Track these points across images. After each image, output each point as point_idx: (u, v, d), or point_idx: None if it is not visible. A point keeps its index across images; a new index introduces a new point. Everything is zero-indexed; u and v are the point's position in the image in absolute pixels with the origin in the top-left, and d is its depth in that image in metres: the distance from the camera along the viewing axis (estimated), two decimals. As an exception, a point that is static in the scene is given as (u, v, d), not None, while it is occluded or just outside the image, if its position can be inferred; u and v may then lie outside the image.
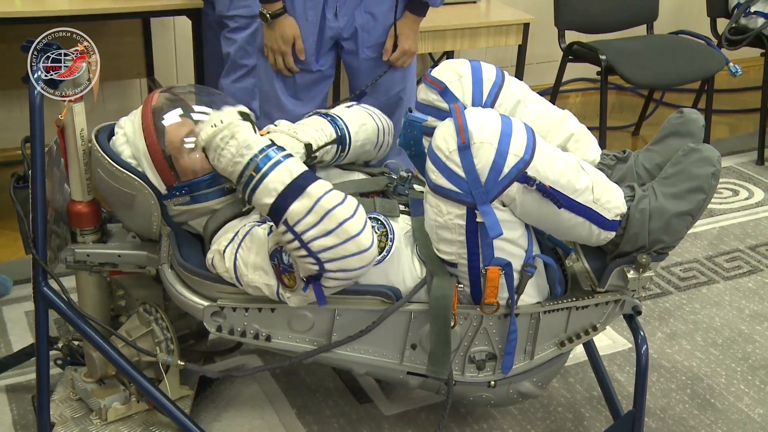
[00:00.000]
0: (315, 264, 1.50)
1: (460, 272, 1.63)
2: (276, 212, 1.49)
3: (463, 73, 1.74)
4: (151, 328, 1.82)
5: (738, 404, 2.12)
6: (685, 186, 1.64)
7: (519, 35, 3.31)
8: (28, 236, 1.71)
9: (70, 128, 1.71)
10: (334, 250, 1.48)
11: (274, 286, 1.59)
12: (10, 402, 2.01)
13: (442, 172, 1.52)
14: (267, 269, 1.58)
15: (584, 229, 1.63)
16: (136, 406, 1.88)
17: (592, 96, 4.07)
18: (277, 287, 1.59)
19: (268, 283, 1.59)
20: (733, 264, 2.75)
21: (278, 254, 1.56)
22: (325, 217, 1.47)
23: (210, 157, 1.58)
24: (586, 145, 1.80)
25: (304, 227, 1.48)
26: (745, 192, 3.25)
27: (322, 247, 1.48)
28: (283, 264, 1.55)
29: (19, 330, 2.26)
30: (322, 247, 1.48)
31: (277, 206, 1.49)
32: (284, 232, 1.50)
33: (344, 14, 2.34)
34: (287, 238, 1.49)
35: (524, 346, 1.74)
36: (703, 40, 3.41)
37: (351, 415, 2.02)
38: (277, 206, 1.49)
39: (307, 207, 1.48)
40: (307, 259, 1.50)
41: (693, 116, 1.78)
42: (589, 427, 2.02)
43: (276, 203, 1.49)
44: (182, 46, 3.24)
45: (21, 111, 3.09)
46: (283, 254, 1.55)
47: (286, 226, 1.48)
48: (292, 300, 1.60)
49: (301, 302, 1.60)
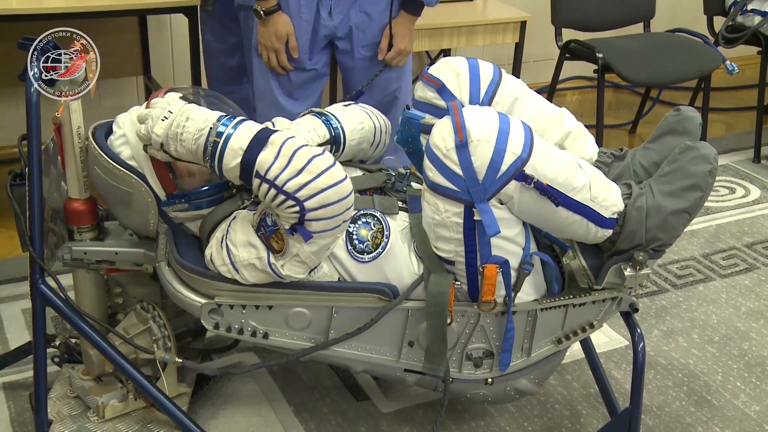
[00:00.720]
0: (295, 205, 1.50)
1: (458, 270, 1.63)
2: (246, 169, 1.51)
3: (461, 70, 1.74)
4: (149, 326, 1.82)
5: (734, 401, 2.12)
6: (682, 183, 1.65)
7: (516, 33, 3.31)
8: (25, 234, 1.71)
9: (66, 126, 1.71)
10: (309, 186, 1.49)
11: (265, 258, 1.58)
12: (8, 400, 2.01)
13: (440, 170, 1.53)
14: (255, 243, 1.58)
15: (581, 227, 1.63)
16: (133, 403, 1.88)
17: (589, 94, 4.07)
18: (267, 258, 1.58)
19: (259, 256, 1.59)
20: (730, 262, 2.76)
21: (263, 221, 1.56)
22: (293, 157, 1.50)
23: (172, 149, 1.57)
24: (584, 143, 1.81)
25: (275, 171, 1.49)
26: (742, 190, 3.26)
27: (298, 186, 1.49)
28: (269, 227, 1.55)
29: (16, 328, 2.26)
30: (297, 185, 1.49)
31: (245, 163, 1.51)
32: (259, 186, 1.51)
33: (338, 13, 2.33)
34: (263, 189, 1.51)
35: (521, 344, 1.75)
36: (700, 38, 3.41)
37: (348, 413, 2.03)
38: (245, 163, 1.51)
39: (274, 153, 1.50)
40: (286, 203, 1.50)
41: (690, 114, 1.78)
42: (585, 424, 2.03)
43: (243, 160, 1.51)
44: (179, 43, 3.24)
45: (17, 109, 3.09)
46: (267, 218, 1.56)
47: (260, 178, 1.50)
48: (286, 267, 1.59)
49: (293, 268, 1.58)
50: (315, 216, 1.51)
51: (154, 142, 1.58)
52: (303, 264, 1.59)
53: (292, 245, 1.56)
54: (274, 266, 1.59)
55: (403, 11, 2.37)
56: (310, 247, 1.57)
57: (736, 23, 3.48)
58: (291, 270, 1.60)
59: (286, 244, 1.56)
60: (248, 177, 1.52)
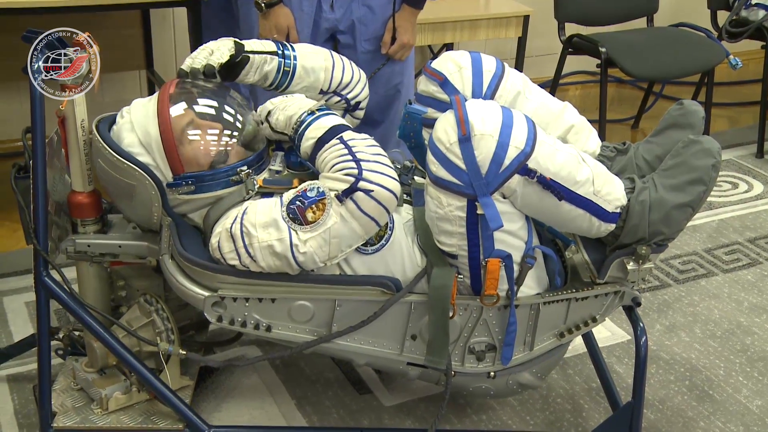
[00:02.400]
0: (354, 168, 1.57)
1: (461, 264, 1.63)
2: (331, 132, 1.66)
3: (464, 64, 1.74)
4: (152, 319, 1.82)
5: (736, 396, 2.12)
6: (686, 178, 1.64)
7: (519, 27, 3.31)
8: (29, 226, 1.71)
9: (70, 119, 1.71)
10: (374, 164, 1.59)
11: (287, 239, 1.58)
12: (12, 392, 2.02)
13: (443, 164, 1.53)
14: (279, 223, 1.58)
15: (584, 221, 1.63)
16: (136, 395, 1.88)
17: (592, 89, 4.07)
18: (289, 239, 1.58)
19: (280, 237, 1.58)
20: (732, 257, 2.76)
21: (302, 195, 1.59)
22: (375, 146, 1.65)
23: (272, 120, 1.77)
24: (587, 137, 1.80)
25: (356, 143, 1.63)
26: (745, 185, 3.26)
27: (366, 158, 1.59)
28: (309, 198, 1.58)
29: (20, 320, 2.27)
30: (366, 158, 1.59)
31: (335, 128, 1.66)
32: (335, 144, 1.63)
33: (340, 6, 2.33)
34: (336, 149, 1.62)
35: (524, 338, 1.75)
36: (704, 32, 3.40)
37: (351, 406, 2.03)
38: (335, 128, 1.66)
39: (359, 136, 1.66)
40: (348, 163, 1.58)
41: (693, 108, 1.78)
42: (587, 418, 2.03)
43: (334, 127, 1.67)
44: (181, 37, 3.23)
45: (21, 102, 3.09)
46: (307, 192, 1.59)
47: (340, 139, 1.64)
48: (310, 243, 1.58)
49: (317, 245, 1.58)
50: (365, 188, 1.56)
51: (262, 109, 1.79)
52: (326, 244, 1.59)
53: (331, 216, 1.57)
54: (295, 248, 1.58)
55: (406, 4, 2.37)
56: (343, 226, 1.58)
57: (739, 17, 3.47)
58: (314, 246, 1.58)
59: (326, 214, 1.57)
60: (327, 138, 1.65)
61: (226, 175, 1.70)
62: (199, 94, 1.76)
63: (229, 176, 1.70)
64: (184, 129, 1.69)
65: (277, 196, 1.65)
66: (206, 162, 1.70)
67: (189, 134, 1.69)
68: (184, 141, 1.69)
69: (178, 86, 1.75)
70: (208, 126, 1.72)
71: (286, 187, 1.69)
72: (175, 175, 1.69)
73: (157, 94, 1.73)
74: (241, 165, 1.71)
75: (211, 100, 1.77)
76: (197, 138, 1.70)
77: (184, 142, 1.69)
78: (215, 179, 1.70)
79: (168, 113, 1.68)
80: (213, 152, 1.71)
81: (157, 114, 1.68)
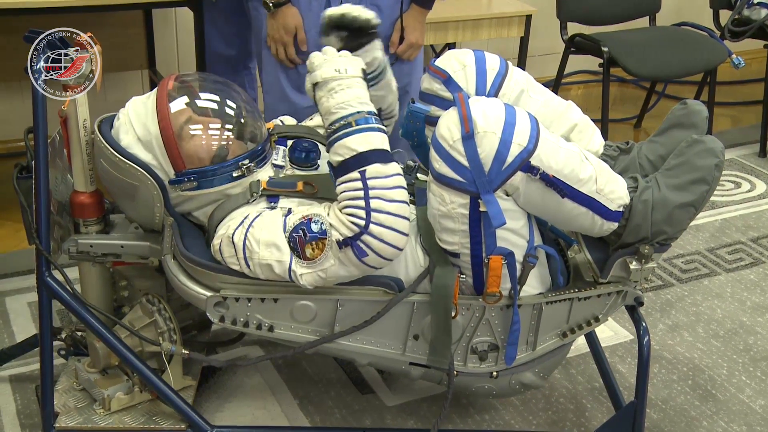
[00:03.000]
0: (363, 219, 1.51)
1: (463, 262, 1.63)
2: (358, 161, 1.54)
3: (467, 62, 1.73)
4: (154, 319, 1.82)
5: (739, 395, 2.12)
6: (688, 177, 1.64)
7: (521, 27, 3.31)
8: (31, 227, 1.71)
9: (72, 119, 1.71)
10: (386, 216, 1.52)
11: (287, 263, 1.58)
12: (14, 392, 2.02)
13: (446, 161, 1.53)
14: (280, 246, 1.57)
15: (587, 220, 1.63)
16: (139, 396, 1.88)
17: (594, 88, 4.06)
18: (289, 263, 1.58)
19: (280, 260, 1.58)
20: (735, 256, 2.75)
21: (305, 225, 1.56)
22: (397, 189, 1.55)
23: (317, 95, 1.61)
24: (590, 136, 1.80)
25: (376, 183, 1.53)
26: (747, 184, 3.25)
27: (379, 208, 1.52)
28: (312, 233, 1.55)
29: (22, 321, 2.27)
30: (380, 208, 1.52)
31: (363, 157, 1.54)
32: (354, 179, 1.54)
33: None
34: (352, 185, 1.53)
35: (526, 337, 1.75)
36: (706, 31, 3.40)
37: (353, 406, 2.03)
38: (363, 157, 1.54)
39: (388, 173, 1.54)
40: (358, 210, 1.52)
41: (696, 107, 1.78)
42: (590, 418, 2.03)
43: (364, 154, 1.54)
44: (184, 37, 3.23)
45: (23, 102, 3.09)
46: (311, 224, 1.56)
47: (361, 175, 1.53)
48: (306, 278, 1.58)
49: (313, 280, 1.59)
50: (368, 242, 1.52)
51: (311, 77, 1.61)
52: (323, 280, 1.59)
53: (329, 258, 1.56)
54: (294, 273, 1.58)
55: (414, 4, 2.36)
56: (341, 269, 1.57)
57: (742, 17, 3.46)
58: (309, 281, 1.59)
59: (324, 255, 1.56)
60: (351, 166, 1.54)
61: (229, 170, 1.70)
62: (199, 89, 1.76)
63: (231, 170, 1.70)
64: (184, 124, 1.69)
65: (283, 206, 1.64)
66: (207, 157, 1.70)
67: (189, 129, 1.69)
68: (185, 136, 1.69)
69: (177, 81, 1.75)
70: (209, 121, 1.72)
71: (290, 190, 1.69)
72: (176, 171, 1.69)
73: (155, 91, 1.73)
74: (243, 159, 1.71)
75: (210, 95, 1.77)
76: (198, 133, 1.70)
77: (184, 138, 1.69)
78: (217, 174, 1.69)
79: (167, 109, 1.68)
80: (214, 147, 1.70)
81: (156, 110, 1.68)
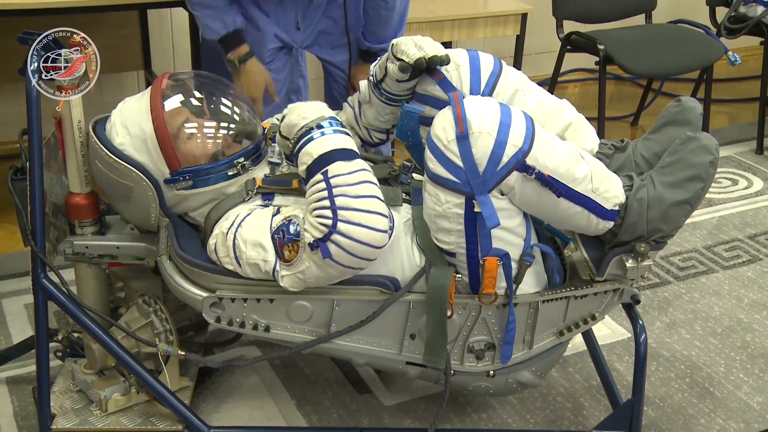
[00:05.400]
0: (330, 218, 1.50)
1: (459, 262, 1.63)
2: (319, 163, 1.55)
3: (461, 62, 1.73)
4: (151, 320, 1.82)
5: (737, 393, 2.12)
6: (683, 174, 1.64)
7: (517, 25, 3.30)
8: (26, 228, 1.71)
9: (67, 120, 1.71)
10: (354, 213, 1.51)
11: (271, 263, 1.58)
12: (11, 394, 2.01)
13: (441, 162, 1.52)
14: (266, 246, 1.58)
15: (583, 219, 1.63)
16: (135, 397, 1.88)
17: (591, 86, 4.06)
18: (274, 264, 1.58)
19: (266, 259, 1.59)
20: (732, 253, 2.75)
21: (285, 227, 1.57)
22: (362, 183, 1.54)
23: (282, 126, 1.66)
24: (584, 135, 1.80)
25: (340, 181, 1.53)
26: (744, 181, 3.25)
27: (346, 205, 1.51)
28: (289, 234, 1.56)
29: (18, 322, 2.27)
30: (346, 204, 1.51)
31: (325, 157, 1.56)
32: (318, 182, 1.55)
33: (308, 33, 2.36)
34: (317, 187, 1.54)
35: (523, 336, 1.75)
36: (702, 29, 3.40)
37: (350, 406, 2.03)
38: (325, 157, 1.56)
39: (350, 169, 1.55)
40: (324, 212, 1.51)
41: (691, 104, 1.78)
42: (588, 416, 2.03)
43: (324, 155, 1.56)
44: (179, 38, 3.23)
45: (18, 103, 3.07)
46: (290, 225, 1.56)
47: (324, 176, 1.54)
48: (286, 279, 1.59)
49: (293, 282, 1.59)
50: (338, 242, 1.51)
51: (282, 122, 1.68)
52: (302, 282, 1.59)
53: (304, 261, 1.56)
54: (277, 274, 1.59)
55: (362, 61, 2.42)
56: (318, 270, 1.57)
57: (738, 14, 3.46)
58: (289, 283, 1.60)
59: (299, 257, 1.56)
60: (314, 169, 1.56)
61: (224, 168, 1.70)
62: (193, 87, 1.76)
63: (226, 169, 1.70)
64: (179, 123, 1.69)
65: (276, 204, 1.64)
66: (202, 155, 1.70)
67: (184, 128, 1.69)
68: (179, 135, 1.69)
69: (171, 80, 1.75)
70: (203, 119, 1.72)
71: (285, 188, 1.69)
72: (171, 170, 1.69)
73: (148, 90, 1.73)
74: (238, 157, 1.71)
75: (205, 93, 1.77)
76: (192, 132, 1.70)
77: (179, 137, 1.69)
78: (213, 172, 1.69)
79: (161, 108, 1.68)
80: (209, 145, 1.70)
81: (150, 109, 1.68)
